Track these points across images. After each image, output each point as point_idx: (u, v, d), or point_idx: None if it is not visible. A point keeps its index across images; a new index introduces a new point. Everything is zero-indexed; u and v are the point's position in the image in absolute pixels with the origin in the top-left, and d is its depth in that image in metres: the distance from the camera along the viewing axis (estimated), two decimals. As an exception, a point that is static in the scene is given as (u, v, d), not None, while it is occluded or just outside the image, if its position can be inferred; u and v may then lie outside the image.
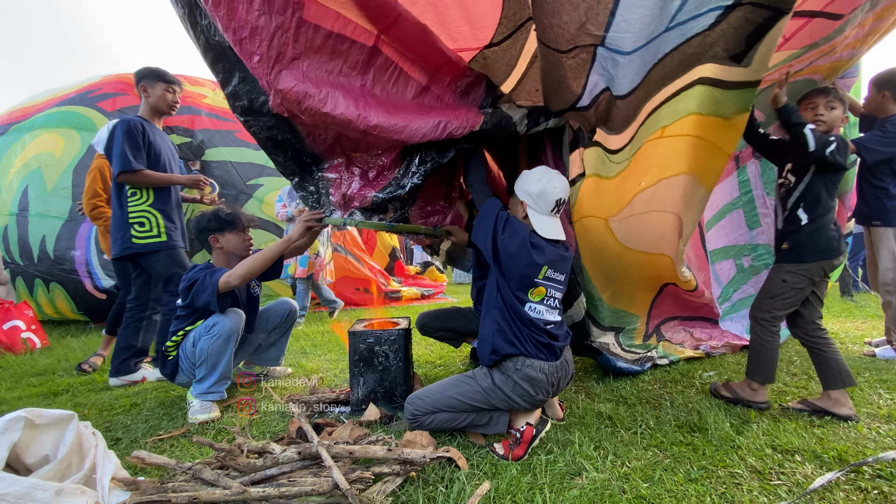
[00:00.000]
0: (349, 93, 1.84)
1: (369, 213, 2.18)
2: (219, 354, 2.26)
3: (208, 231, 2.41)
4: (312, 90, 1.75)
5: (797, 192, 2.16)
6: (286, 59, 1.73)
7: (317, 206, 2.22)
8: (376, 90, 1.95)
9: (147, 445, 1.95)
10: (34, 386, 2.86)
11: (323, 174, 2.17)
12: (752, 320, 2.24)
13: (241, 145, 5.39)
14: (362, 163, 2.18)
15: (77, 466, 1.40)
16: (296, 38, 1.70)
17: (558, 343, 1.86)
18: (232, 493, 1.33)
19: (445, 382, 1.94)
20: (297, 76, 1.75)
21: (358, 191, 2.15)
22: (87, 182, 3.32)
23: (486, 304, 1.94)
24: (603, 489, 1.50)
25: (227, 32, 1.67)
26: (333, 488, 1.36)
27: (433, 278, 7.75)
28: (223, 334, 2.23)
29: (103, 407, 2.45)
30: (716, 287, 3.55)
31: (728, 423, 1.97)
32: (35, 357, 3.61)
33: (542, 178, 1.88)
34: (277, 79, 1.73)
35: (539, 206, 1.89)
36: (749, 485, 1.52)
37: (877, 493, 1.46)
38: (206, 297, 2.17)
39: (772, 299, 2.16)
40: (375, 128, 1.84)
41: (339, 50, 1.80)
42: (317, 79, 1.79)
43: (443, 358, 3.27)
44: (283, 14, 1.63)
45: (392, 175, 2.17)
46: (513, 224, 1.86)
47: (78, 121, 4.91)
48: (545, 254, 1.84)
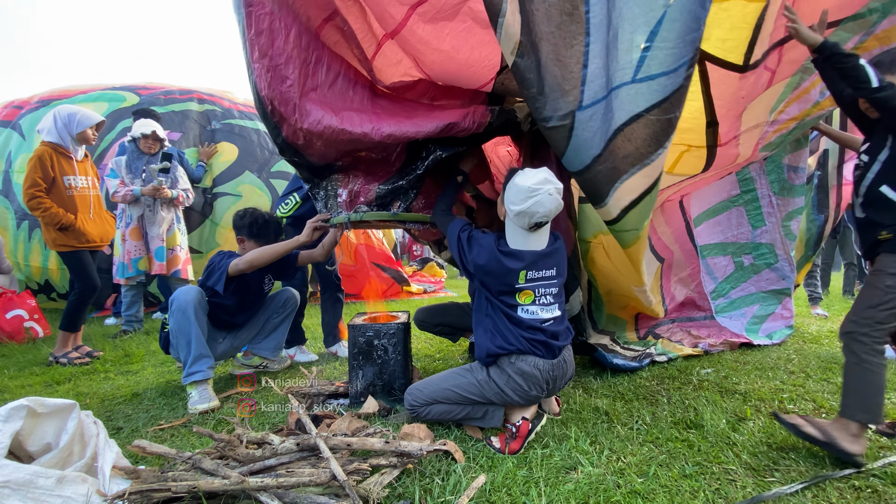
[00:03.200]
0: (363, 111, 2.05)
1: (374, 206, 2.21)
2: (185, 329, 2.32)
3: (239, 230, 2.67)
4: (330, 114, 1.96)
5: (876, 165, 1.72)
6: (308, 88, 1.96)
7: (324, 209, 2.30)
8: (386, 104, 2.13)
9: (148, 435, 1.97)
10: (37, 375, 2.89)
11: (333, 175, 2.24)
12: (845, 339, 1.71)
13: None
14: (368, 160, 2.24)
15: (79, 455, 1.42)
16: (314, 71, 1.98)
17: (557, 342, 1.85)
18: (231, 483, 1.35)
19: (444, 374, 1.96)
20: (316, 101, 1.98)
21: (363, 185, 2.21)
22: (27, 169, 3.10)
23: (477, 312, 1.95)
24: (598, 483, 1.51)
25: (264, 59, 1.86)
26: (331, 479, 1.37)
27: (432, 274, 7.77)
28: (179, 308, 2.33)
29: (105, 396, 2.48)
30: (708, 281, 3.55)
31: (724, 420, 1.98)
32: (38, 346, 3.64)
33: (529, 199, 1.74)
34: (304, 101, 1.94)
35: (518, 221, 1.82)
36: (743, 481, 1.53)
37: (870, 492, 1.47)
38: (217, 275, 2.40)
39: (872, 309, 1.66)
40: (389, 136, 1.98)
41: (350, 85, 2.09)
42: (333, 104, 2.01)
43: (442, 352, 3.28)
44: (308, 51, 1.93)
45: (395, 168, 2.23)
46: (477, 240, 1.88)
47: (112, 96, 5.36)
48: (520, 258, 1.82)
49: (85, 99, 5.21)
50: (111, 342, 3.70)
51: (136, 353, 3.34)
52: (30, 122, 5.00)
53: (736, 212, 3.43)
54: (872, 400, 1.61)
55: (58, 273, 4.78)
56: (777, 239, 3.34)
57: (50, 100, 5.26)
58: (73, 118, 3.18)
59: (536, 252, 1.86)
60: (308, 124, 1.94)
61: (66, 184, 3.19)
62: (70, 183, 3.21)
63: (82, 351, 3.28)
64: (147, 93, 5.46)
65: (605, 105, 1.75)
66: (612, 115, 1.73)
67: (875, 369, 1.61)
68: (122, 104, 5.24)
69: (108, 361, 3.17)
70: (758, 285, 3.47)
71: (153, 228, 3.95)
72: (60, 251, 3.23)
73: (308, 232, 2.37)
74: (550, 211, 1.78)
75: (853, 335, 1.67)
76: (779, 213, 3.30)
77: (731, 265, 3.52)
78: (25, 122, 5.05)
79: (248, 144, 5.47)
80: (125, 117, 5.06)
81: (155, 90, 5.53)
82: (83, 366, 3.08)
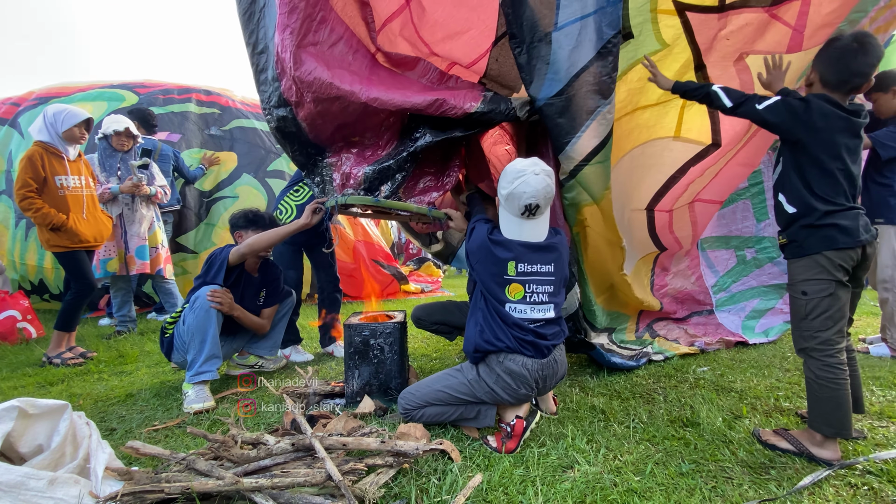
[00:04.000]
0: (356, 74, 2.10)
1: (362, 190, 2.20)
2: (204, 327, 2.31)
3: (235, 227, 2.74)
4: (322, 67, 2.01)
5: (776, 173, 1.81)
6: (307, 42, 2.02)
7: (322, 194, 2.32)
8: (384, 75, 2.20)
9: (142, 436, 1.95)
10: (29, 376, 2.87)
11: (326, 160, 2.28)
12: (800, 355, 1.73)
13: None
14: (360, 144, 2.29)
15: (71, 456, 1.40)
16: (317, 28, 2.04)
17: (546, 342, 1.83)
18: (225, 484, 1.34)
19: (436, 376, 1.96)
20: (313, 54, 2.03)
21: (352, 167, 2.24)
22: (18, 170, 3.10)
23: (472, 306, 1.97)
24: (594, 482, 1.51)
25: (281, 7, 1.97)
26: (326, 479, 1.36)
27: (429, 273, 7.76)
28: (204, 305, 2.31)
29: (98, 397, 2.46)
30: (709, 274, 3.53)
31: (720, 419, 1.98)
32: (31, 347, 3.61)
33: (516, 181, 1.78)
34: (299, 52, 1.99)
35: (509, 207, 1.85)
36: (740, 479, 1.53)
37: (867, 489, 1.47)
38: (217, 266, 2.43)
39: (805, 321, 1.66)
40: (375, 100, 2.01)
41: (349, 51, 2.16)
42: (328, 61, 2.06)
43: (438, 351, 3.28)
44: (314, 7, 1.99)
45: (385, 152, 2.26)
46: (477, 229, 1.91)
47: (111, 95, 5.34)
48: (509, 249, 1.83)
49: (84, 97, 5.19)
50: (105, 343, 3.67)
51: (130, 353, 3.32)
52: (28, 119, 4.98)
53: (742, 205, 3.43)
54: (833, 415, 1.61)
55: (52, 273, 4.75)
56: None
57: (48, 97, 5.22)
58: (58, 116, 3.14)
59: (530, 244, 1.85)
60: (300, 73, 1.99)
61: (57, 184, 3.16)
62: (62, 183, 3.18)
63: (76, 352, 3.25)
64: (145, 91, 5.43)
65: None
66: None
67: (830, 385, 1.61)
68: (122, 104, 5.21)
69: (101, 362, 3.15)
70: (759, 279, 3.47)
71: (133, 227, 3.89)
72: (55, 252, 3.20)
73: (308, 214, 2.35)
74: (538, 191, 1.77)
75: (805, 351, 1.69)
76: None
77: (733, 258, 3.51)
78: (24, 120, 5.02)
79: (245, 144, 5.47)
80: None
81: (153, 88, 5.51)
82: (77, 366, 3.06)
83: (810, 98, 1.66)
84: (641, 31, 2.07)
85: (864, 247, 1.63)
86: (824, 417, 1.63)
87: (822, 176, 1.64)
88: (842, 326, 1.64)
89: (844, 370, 1.62)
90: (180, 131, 5.22)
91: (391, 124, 2.27)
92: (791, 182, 1.71)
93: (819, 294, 1.62)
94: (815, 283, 1.64)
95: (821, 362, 1.62)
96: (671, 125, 2.59)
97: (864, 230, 1.63)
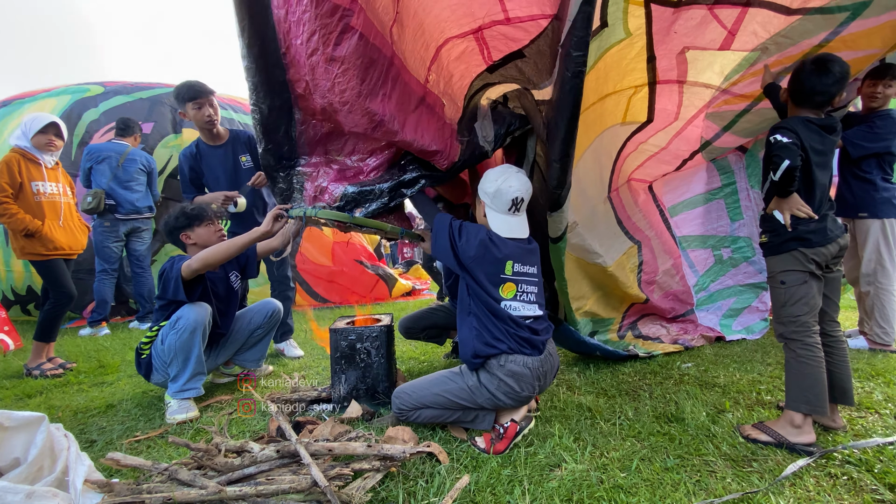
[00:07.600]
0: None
1: (336, 207, 2.07)
2: (187, 349, 2.23)
3: (178, 229, 2.42)
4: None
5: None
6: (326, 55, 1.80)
7: (282, 201, 2.14)
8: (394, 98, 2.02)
9: (123, 447, 1.91)
10: (7, 388, 2.79)
11: (299, 168, 2.12)
12: (781, 341, 1.86)
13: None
14: (342, 163, 2.15)
15: (49, 469, 1.37)
16: (338, 41, 1.77)
17: (539, 337, 1.86)
18: (208, 493, 1.31)
19: (433, 378, 1.93)
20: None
21: (330, 182, 2.09)
22: None
23: (461, 311, 1.95)
24: (581, 480, 1.52)
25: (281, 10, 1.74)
26: (312, 486, 1.35)
27: (417, 277, 7.75)
28: (188, 328, 2.21)
29: (78, 409, 2.40)
30: (690, 274, 3.60)
31: (704, 413, 2.01)
32: (8, 359, 3.51)
33: (499, 178, 1.89)
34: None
35: (496, 205, 1.90)
36: (723, 472, 1.55)
37: (846, 479, 1.50)
38: (172, 285, 2.19)
39: (784, 307, 1.82)
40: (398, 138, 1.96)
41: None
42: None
43: (426, 353, 3.27)
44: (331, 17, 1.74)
45: (367, 178, 2.14)
46: (468, 229, 1.88)
47: (76, 89, 5.21)
48: (505, 248, 1.85)
49: (47, 94, 5.11)
50: (85, 353, 3.59)
51: (111, 363, 3.25)
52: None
53: (716, 205, 3.49)
54: (811, 391, 1.73)
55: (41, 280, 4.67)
56: (755, 233, 3.40)
57: (11, 101, 5.18)
58: (28, 123, 3.10)
59: (522, 245, 1.90)
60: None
61: (34, 189, 3.10)
62: (38, 189, 3.12)
63: (56, 362, 3.17)
64: (113, 84, 5.37)
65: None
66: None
67: (810, 362, 1.74)
68: (86, 94, 5.13)
69: (81, 373, 3.08)
70: (735, 279, 3.54)
71: None
72: (31, 260, 3.13)
73: (269, 221, 2.14)
74: (522, 184, 1.90)
75: (785, 335, 1.82)
76: (756, 207, 3.36)
77: (710, 258, 3.58)
78: None
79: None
80: (90, 107, 5.00)
81: (121, 82, 5.46)
82: (56, 377, 2.98)
83: (793, 127, 1.76)
84: (615, 20, 2.09)
85: (836, 240, 1.80)
86: (803, 394, 1.74)
87: (805, 189, 1.82)
88: (815, 311, 1.80)
89: (821, 351, 1.77)
90: (152, 118, 5.08)
91: (383, 153, 2.15)
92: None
93: (796, 283, 1.80)
94: (791, 273, 1.81)
95: (800, 342, 1.77)
96: (621, 112, 2.68)
97: (834, 228, 1.81)
